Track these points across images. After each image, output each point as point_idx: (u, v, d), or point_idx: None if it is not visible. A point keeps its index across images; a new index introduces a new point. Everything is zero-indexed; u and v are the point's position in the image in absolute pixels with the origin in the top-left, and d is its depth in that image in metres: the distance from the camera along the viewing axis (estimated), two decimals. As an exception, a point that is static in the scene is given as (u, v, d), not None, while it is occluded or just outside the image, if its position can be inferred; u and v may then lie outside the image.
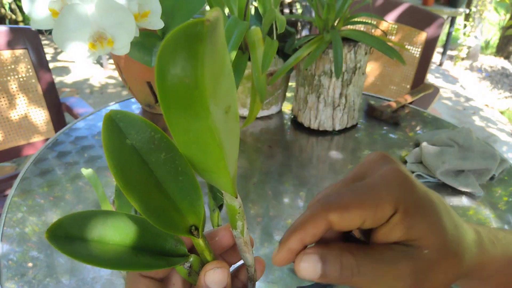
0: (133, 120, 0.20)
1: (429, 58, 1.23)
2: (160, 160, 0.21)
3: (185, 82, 0.15)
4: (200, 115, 0.16)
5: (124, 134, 0.20)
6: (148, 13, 0.64)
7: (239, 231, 0.25)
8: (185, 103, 0.16)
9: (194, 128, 0.17)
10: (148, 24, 0.65)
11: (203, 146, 0.18)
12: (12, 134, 1.06)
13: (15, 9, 3.46)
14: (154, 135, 0.21)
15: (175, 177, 0.21)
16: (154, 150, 0.21)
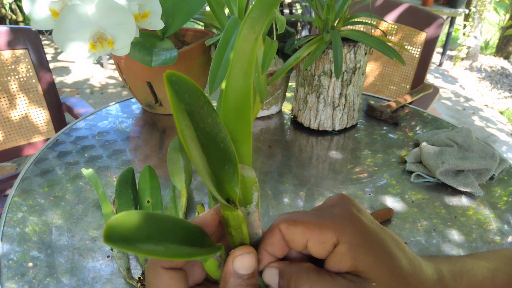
0: (186, 82, 0.21)
1: (429, 58, 1.23)
2: (207, 126, 0.22)
3: (253, 36, 0.20)
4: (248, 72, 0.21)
5: (179, 97, 0.21)
6: (148, 14, 0.64)
7: (254, 204, 0.25)
8: (247, 56, 0.21)
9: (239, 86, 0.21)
10: (149, 24, 0.66)
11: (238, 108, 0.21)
12: (13, 134, 1.06)
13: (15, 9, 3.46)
14: (203, 99, 0.21)
15: (216, 144, 0.22)
16: (203, 115, 0.21)
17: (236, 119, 0.22)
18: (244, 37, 0.19)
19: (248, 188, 0.24)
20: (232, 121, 0.22)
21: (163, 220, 0.21)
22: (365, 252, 0.23)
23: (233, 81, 0.21)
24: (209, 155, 0.22)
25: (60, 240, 0.55)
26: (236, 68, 0.21)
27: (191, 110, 0.21)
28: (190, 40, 0.90)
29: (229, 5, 0.73)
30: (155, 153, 0.75)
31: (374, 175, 0.69)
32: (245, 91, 0.21)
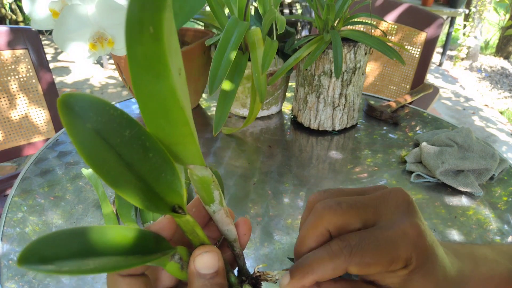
0: (89, 101, 0.19)
1: (429, 58, 1.23)
2: (125, 139, 0.19)
3: (150, 31, 0.15)
4: (162, 74, 0.17)
5: (83, 118, 0.18)
6: (148, 14, 0.64)
7: (217, 202, 0.24)
8: (148, 60, 0.16)
9: (158, 89, 0.17)
10: (148, 24, 0.66)
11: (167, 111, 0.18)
12: (13, 134, 1.06)
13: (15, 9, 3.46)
14: (114, 113, 0.19)
15: (145, 155, 0.20)
16: (117, 129, 0.19)
17: (168, 124, 0.19)
18: (134, 41, 0.16)
19: (206, 187, 0.23)
20: (164, 126, 0.19)
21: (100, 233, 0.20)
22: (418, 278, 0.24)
23: (144, 88, 0.17)
24: (139, 169, 0.20)
25: (60, 240, 0.55)
26: (141, 74, 0.17)
27: (101, 128, 0.19)
28: (190, 40, 0.90)
29: (229, 5, 0.73)
30: (155, 153, 0.75)
31: (374, 175, 0.69)
32: (165, 94, 0.18)
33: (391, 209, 0.25)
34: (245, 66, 0.71)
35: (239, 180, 0.67)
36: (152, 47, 0.16)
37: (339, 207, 0.25)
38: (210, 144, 0.78)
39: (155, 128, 0.19)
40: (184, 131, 0.19)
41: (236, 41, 0.64)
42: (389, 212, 0.25)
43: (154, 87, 0.17)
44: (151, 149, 0.20)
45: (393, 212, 0.25)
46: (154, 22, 0.15)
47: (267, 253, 0.53)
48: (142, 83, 0.17)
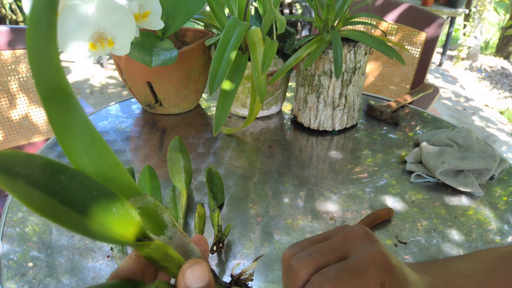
0: (10, 158, 0.17)
1: (429, 58, 1.23)
2: (63, 185, 0.18)
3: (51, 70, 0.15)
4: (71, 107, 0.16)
5: (11, 175, 0.17)
6: (148, 14, 0.64)
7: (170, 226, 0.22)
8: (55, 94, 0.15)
9: (72, 121, 0.16)
10: (149, 24, 0.66)
11: (86, 143, 0.17)
12: (13, 134, 1.06)
13: (15, 9, 3.46)
14: (40, 161, 0.18)
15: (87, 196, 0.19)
16: (51, 177, 0.18)
17: (91, 158, 0.18)
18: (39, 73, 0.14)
19: (153, 214, 0.22)
20: (91, 164, 0.18)
21: None
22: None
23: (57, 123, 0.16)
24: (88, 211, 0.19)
25: (60, 240, 0.55)
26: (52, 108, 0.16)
27: (35, 180, 0.18)
28: (190, 40, 0.90)
29: (229, 5, 0.73)
30: (155, 153, 0.75)
31: (374, 175, 0.69)
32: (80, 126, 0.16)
33: (356, 244, 0.28)
34: (245, 66, 0.71)
35: (239, 180, 0.67)
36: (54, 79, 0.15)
37: (310, 258, 0.28)
38: (210, 144, 0.78)
39: (81, 164, 0.18)
40: (111, 163, 0.18)
41: (236, 41, 0.64)
42: (355, 246, 0.28)
43: (69, 120, 0.16)
44: (92, 188, 0.19)
45: (358, 245, 0.28)
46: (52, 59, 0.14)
47: (267, 253, 0.53)
48: (57, 119, 0.16)
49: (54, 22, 0.15)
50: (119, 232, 0.19)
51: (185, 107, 0.90)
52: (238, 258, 0.52)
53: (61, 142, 0.17)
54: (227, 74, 0.63)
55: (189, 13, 0.76)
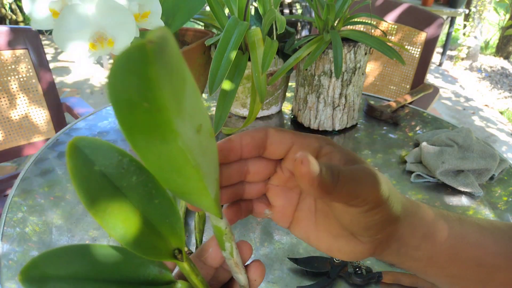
0: (99, 146, 0.19)
1: (429, 58, 1.23)
2: (132, 184, 0.20)
3: (145, 106, 0.14)
4: (168, 138, 0.16)
5: (91, 161, 0.19)
6: (148, 14, 0.64)
7: (228, 253, 0.24)
8: (149, 127, 0.15)
9: (165, 152, 0.16)
10: (149, 24, 0.66)
11: (177, 170, 0.17)
12: (13, 134, 1.06)
13: (15, 9, 3.46)
14: (122, 159, 0.20)
15: (150, 201, 0.20)
16: (125, 174, 0.20)
17: (180, 178, 0.19)
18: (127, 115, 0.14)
19: (219, 237, 0.24)
20: (175, 180, 0.19)
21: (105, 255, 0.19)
22: (347, 152, 0.26)
23: (147, 150, 0.16)
24: (144, 211, 0.20)
25: (60, 240, 0.55)
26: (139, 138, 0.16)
27: (109, 171, 0.19)
28: (190, 40, 0.90)
29: (229, 5, 0.73)
30: (155, 153, 0.75)
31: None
32: (173, 155, 0.17)
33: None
34: (245, 66, 0.71)
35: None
36: (151, 118, 0.15)
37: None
38: (210, 144, 0.78)
39: (164, 179, 0.19)
40: (197, 186, 0.19)
41: (236, 41, 0.64)
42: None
43: (159, 148, 0.16)
44: (158, 196, 0.20)
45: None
46: (149, 99, 0.14)
47: (267, 253, 0.53)
48: (142, 145, 0.16)
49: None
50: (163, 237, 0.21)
51: (185, 107, 0.89)
52: (238, 258, 0.52)
53: (144, 159, 0.17)
54: (227, 74, 0.63)
55: (189, 13, 0.76)
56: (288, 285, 0.49)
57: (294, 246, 0.54)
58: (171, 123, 0.15)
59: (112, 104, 0.14)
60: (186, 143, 0.16)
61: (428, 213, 0.29)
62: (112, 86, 0.13)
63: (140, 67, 0.13)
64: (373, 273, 0.49)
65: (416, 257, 0.28)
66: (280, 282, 0.49)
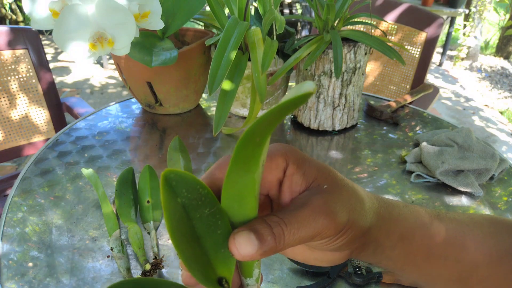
0: (184, 179, 0.22)
1: (429, 58, 1.23)
2: (204, 216, 0.22)
3: (256, 140, 0.19)
4: (252, 169, 0.21)
5: (176, 193, 0.21)
6: (148, 14, 0.64)
7: (254, 279, 0.25)
8: (248, 157, 0.20)
9: (242, 181, 0.21)
10: (149, 24, 0.66)
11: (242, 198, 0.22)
12: (13, 134, 1.06)
13: (15, 9, 3.46)
14: (202, 191, 0.22)
15: (214, 231, 0.23)
16: (200, 206, 0.22)
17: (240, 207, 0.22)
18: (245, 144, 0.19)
19: (250, 263, 0.25)
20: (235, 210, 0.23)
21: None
22: (309, 165, 0.25)
23: (233, 177, 0.21)
24: (204, 242, 0.23)
25: (60, 240, 0.55)
26: (237, 168, 0.20)
27: (189, 202, 0.22)
28: (190, 40, 0.90)
29: (229, 5, 0.73)
30: (155, 153, 0.75)
31: (374, 175, 0.69)
32: (247, 184, 0.21)
33: None
34: (245, 66, 0.71)
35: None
36: (254, 151, 0.20)
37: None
38: (210, 144, 0.78)
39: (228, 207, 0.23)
40: (251, 214, 0.23)
41: (236, 41, 0.64)
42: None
43: (241, 178, 0.21)
44: (221, 227, 0.23)
45: None
46: (262, 135, 0.19)
47: (267, 253, 0.53)
48: (234, 173, 0.21)
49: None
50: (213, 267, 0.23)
51: (185, 107, 0.90)
52: (238, 258, 0.52)
53: (225, 185, 0.22)
54: (227, 74, 0.63)
55: (189, 13, 0.76)
56: (288, 285, 0.49)
57: (294, 246, 0.54)
58: (259, 158, 0.21)
59: (243, 135, 0.19)
60: (258, 175, 0.22)
61: (404, 213, 0.28)
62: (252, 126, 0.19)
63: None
64: (373, 273, 0.49)
65: (393, 257, 0.28)
66: (280, 282, 0.49)
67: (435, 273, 0.28)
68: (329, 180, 0.25)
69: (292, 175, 0.25)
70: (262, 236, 0.22)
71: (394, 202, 0.29)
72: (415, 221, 0.28)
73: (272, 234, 0.22)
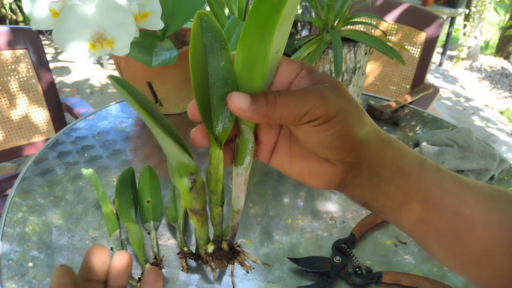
0: (213, 25, 0.25)
1: (429, 58, 1.23)
2: (219, 67, 0.25)
3: (274, 0, 0.20)
4: (266, 39, 0.22)
5: (203, 33, 0.25)
6: (148, 14, 0.64)
7: (244, 166, 0.28)
8: (264, 20, 0.21)
9: (256, 48, 0.23)
10: (148, 24, 0.66)
11: (252, 68, 0.24)
12: (13, 134, 1.06)
13: (15, 9, 3.46)
14: (223, 44, 0.25)
15: (222, 87, 0.25)
16: (219, 55, 0.25)
17: (247, 78, 0.25)
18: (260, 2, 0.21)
19: (243, 149, 0.27)
20: (244, 78, 0.25)
21: None
22: (318, 73, 0.27)
23: (247, 41, 0.23)
24: (213, 92, 0.26)
25: (60, 240, 0.55)
26: (251, 31, 0.22)
27: (211, 47, 0.25)
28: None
29: (229, 5, 0.73)
30: (155, 153, 0.75)
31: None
32: (259, 54, 0.23)
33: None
34: (245, 66, 0.71)
35: (239, 180, 0.67)
36: (270, 14, 0.21)
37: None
38: (210, 144, 0.78)
39: (239, 72, 0.25)
40: (256, 88, 0.25)
41: (236, 41, 0.64)
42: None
43: (254, 43, 0.23)
44: (229, 86, 0.26)
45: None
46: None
47: (267, 253, 0.53)
48: (248, 34, 0.23)
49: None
50: (215, 121, 0.26)
51: (185, 107, 0.90)
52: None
53: (240, 48, 0.25)
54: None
55: (189, 13, 0.76)
56: (288, 285, 0.49)
57: (294, 246, 0.54)
58: (275, 27, 0.21)
59: None
60: (270, 52, 0.23)
61: (405, 149, 0.28)
62: None
63: None
64: (373, 273, 0.49)
65: (389, 193, 0.27)
66: (280, 282, 0.49)
67: (431, 222, 0.28)
68: (333, 83, 0.27)
69: (302, 78, 0.27)
70: (256, 96, 0.25)
71: (398, 140, 0.29)
72: (414, 158, 0.28)
73: (264, 97, 0.25)
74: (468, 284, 0.50)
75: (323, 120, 0.25)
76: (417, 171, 0.27)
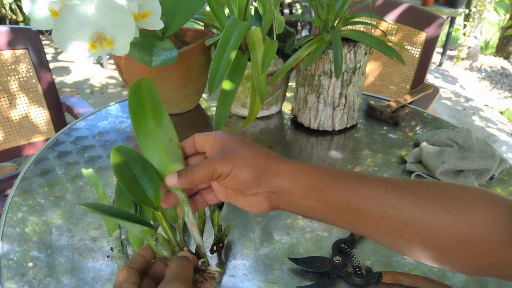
0: (127, 149, 0.40)
1: (429, 58, 1.23)
2: (138, 167, 0.39)
3: (142, 117, 0.38)
4: (154, 138, 0.39)
5: (122, 156, 0.39)
6: (148, 14, 0.64)
7: (187, 214, 0.38)
8: (145, 131, 0.39)
9: (152, 146, 0.39)
10: (148, 24, 0.66)
11: (159, 158, 0.38)
12: (13, 134, 1.06)
13: (15, 9, 3.46)
14: (136, 154, 0.39)
15: (144, 176, 0.39)
16: (136, 162, 0.39)
17: (159, 161, 0.39)
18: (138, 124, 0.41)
19: (182, 205, 0.38)
20: (154, 161, 0.39)
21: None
22: (227, 138, 0.37)
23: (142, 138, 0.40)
24: (142, 183, 0.38)
25: (60, 240, 0.55)
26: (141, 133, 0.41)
27: (128, 160, 0.39)
28: (190, 40, 0.90)
29: (229, 5, 0.73)
30: (155, 153, 0.75)
31: (374, 175, 0.69)
32: (158, 148, 0.39)
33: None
34: (245, 66, 0.71)
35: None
36: (145, 125, 0.39)
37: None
38: (210, 144, 0.78)
39: (150, 159, 0.39)
40: (167, 169, 0.38)
41: (236, 41, 0.64)
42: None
43: (150, 144, 0.39)
44: (149, 174, 0.39)
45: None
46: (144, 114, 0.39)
47: (267, 253, 0.53)
48: (143, 141, 0.39)
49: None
50: (150, 199, 0.38)
51: (185, 107, 0.90)
52: (238, 258, 0.52)
53: (144, 151, 0.40)
54: (227, 74, 0.63)
55: (189, 13, 0.76)
56: (288, 285, 0.49)
57: (294, 246, 0.54)
58: (155, 131, 0.39)
59: (130, 115, 0.38)
60: (163, 143, 0.39)
61: (310, 169, 0.35)
62: (130, 105, 0.39)
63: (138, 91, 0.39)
64: (373, 273, 0.49)
65: (312, 207, 0.34)
66: (280, 282, 0.49)
67: (366, 225, 0.33)
68: (233, 145, 0.36)
69: (215, 144, 0.37)
70: (180, 173, 0.36)
71: (305, 164, 0.36)
72: (326, 175, 0.34)
73: (185, 172, 0.35)
74: (468, 284, 0.50)
75: (224, 175, 0.34)
76: (330, 186, 0.33)
